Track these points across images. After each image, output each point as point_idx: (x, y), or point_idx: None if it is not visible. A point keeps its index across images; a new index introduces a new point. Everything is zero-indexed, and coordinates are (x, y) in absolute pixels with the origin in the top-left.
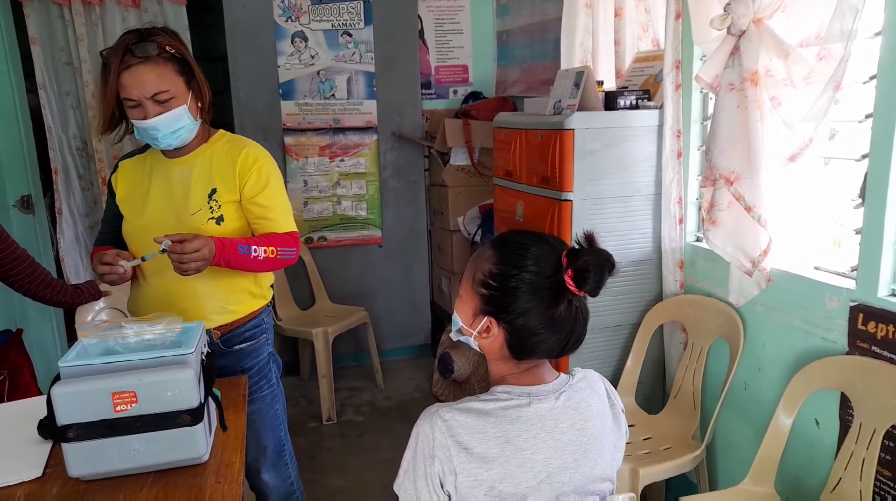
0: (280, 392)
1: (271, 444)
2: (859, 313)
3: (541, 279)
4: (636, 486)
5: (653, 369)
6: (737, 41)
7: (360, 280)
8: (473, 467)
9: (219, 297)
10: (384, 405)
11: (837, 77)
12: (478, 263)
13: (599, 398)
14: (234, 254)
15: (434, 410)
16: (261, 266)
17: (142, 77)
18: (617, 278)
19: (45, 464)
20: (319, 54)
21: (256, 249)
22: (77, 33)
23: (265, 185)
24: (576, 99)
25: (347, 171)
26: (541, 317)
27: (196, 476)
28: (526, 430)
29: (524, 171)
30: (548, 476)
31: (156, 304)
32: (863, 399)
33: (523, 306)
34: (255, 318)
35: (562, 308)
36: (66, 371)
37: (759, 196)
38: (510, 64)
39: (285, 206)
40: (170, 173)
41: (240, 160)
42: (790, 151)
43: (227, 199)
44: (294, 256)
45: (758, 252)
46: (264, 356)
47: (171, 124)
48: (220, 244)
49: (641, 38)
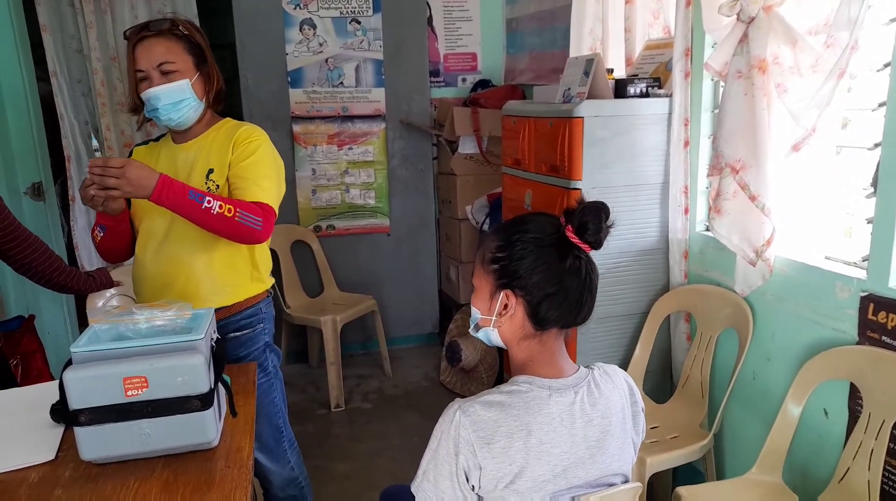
0: (278, 382)
1: (267, 432)
2: (870, 303)
3: (544, 237)
4: (643, 475)
5: (661, 358)
6: (746, 28)
7: (368, 268)
8: (496, 462)
9: (214, 277)
10: (392, 393)
11: (842, 65)
12: (483, 248)
13: (620, 395)
14: (181, 197)
15: (455, 406)
16: (213, 222)
17: (151, 48)
18: (625, 267)
19: (57, 448)
20: (328, 42)
21: (211, 201)
22: (86, 21)
23: (249, 156)
24: (585, 87)
25: (356, 159)
26: (552, 272)
27: (206, 460)
28: (546, 423)
29: (533, 159)
30: (563, 470)
31: (152, 286)
32: (872, 390)
33: (533, 265)
34: (251, 306)
35: (569, 261)
36: (77, 356)
37: (763, 185)
38: (519, 52)
39: (265, 180)
40: (175, 157)
41: (235, 136)
42: (794, 140)
43: (222, 177)
44: (258, 226)
45: (761, 242)
46: (259, 346)
47: (172, 96)
48: (166, 181)
49: (652, 26)
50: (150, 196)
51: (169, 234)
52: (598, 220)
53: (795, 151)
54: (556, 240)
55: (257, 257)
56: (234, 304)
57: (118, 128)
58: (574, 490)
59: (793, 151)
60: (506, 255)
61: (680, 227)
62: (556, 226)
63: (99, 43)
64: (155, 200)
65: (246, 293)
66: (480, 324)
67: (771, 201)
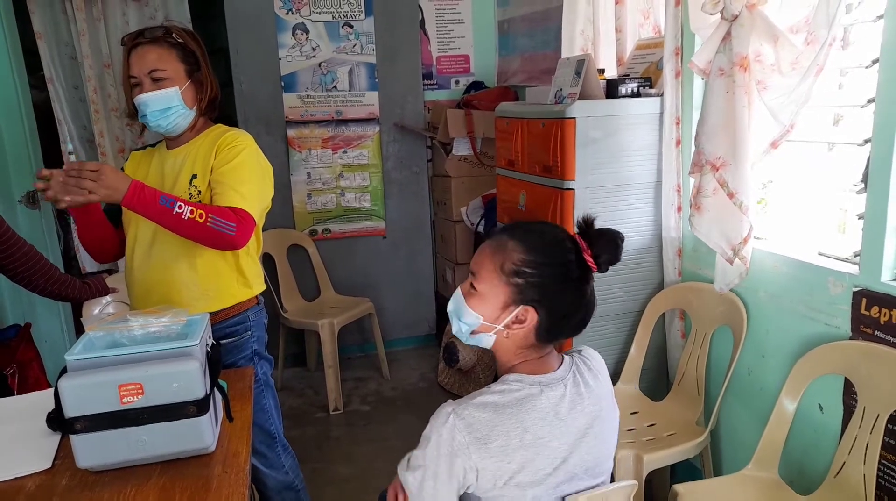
0: (269, 388)
1: (259, 438)
2: (863, 298)
3: (573, 261)
4: (640, 472)
5: (656, 356)
6: (730, 26)
7: (364, 271)
8: (495, 461)
9: (197, 283)
10: (390, 395)
11: (820, 62)
12: (504, 254)
13: (605, 379)
14: (152, 202)
15: (449, 409)
16: (185, 227)
17: (144, 55)
18: (620, 265)
19: (54, 456)
20: (321, 46)
21: (182, 206)
22: (79, 28)
23: (230, 160)
24: (577, 87)
25: (350, 162)
26: (577, 297)
27: (203, 466)
28: (541, 418)
29: (526, 160)
30: (563, 460)
31: (139, 292)
32: (866, 384)
33: (563, 288)
34: (239, 314)
35: (590, 286)
36: (72, 364)
37: (742, 183)
38: (511, 53)
39: (244, 186)
40: (164, 163)
41: (219, 141)
42: (772, 137)
43: (204, 183)
44: (232, 232)
45: (739, 239)
46: (247, 354)
47: (160, 103)
48: (138, 186)
49: (643, 26)
50: (122, 200)
51: (155, 240)
52: (615, 250)
53: (774, 148)
54: (581, 264)
55: (242, 262)
56: (221, 310)
57: (112, 133)
58: (575, 481)
59: (771, 148)
60: (535, 272)
61: (673, 225)
62: (577, 249)
63: (91, 50)
64: (126, 204)
65: (231, 299)
66: (479, 330)
67: (749, 199)
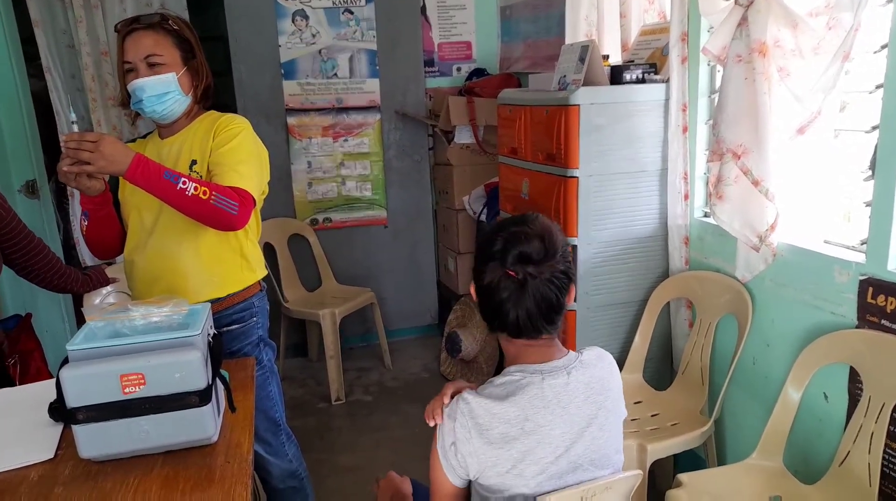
0: (273, 375)
1: (264, 425)
2: (869, 286)
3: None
4: (644, 462)
5: (660, 345)
6: (744, 11)
7: (366, 261)
8: (494, 448)
9: (202, 270)
10: (392, 385)
11: (846, 47)
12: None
13: (616, 377)
14: (156, 176)
15: (457, 398)
16: (188, 204)
17: (140, 41)
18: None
19: (56, 446)
20: (321, 33)
21: (186, 182)
22: (76, 16)
23: (228, 142)
24: (581, 74)
25: (351, 151)
26: (502, 296)
27: (206, 456)
28: (543, 406)
29: (529, 148)
30: (566, 450)
31: (142, 281)
32: (872, 373)
33: (485, 287)
34: (244, 300)
35: (524, 289)
36: (74, 354)
37: (766, 170)
38: (514, 40)
39: (243, 166)
40: (160, 151)
41: (216, 125)
42: (798, 123)
43: (204, 167)
44: (234, 211)
45: (765, 227)
46: (253, 340)
47: (156, 88)
48: (141, 159)
49: (647, 11)
50: (125, 173)
51: (156, 228)
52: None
53: (801, 134)
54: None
55: (245, 246)
56: (227, 297)
57: (109, 123)
58: (580, 472)
59: (798, 134)
60: (474, 267)
61: (680, 213)
62: (505, 250)
63: (89, 38)
64: (129, 177)
65: (237, 284)
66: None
67: (774, 186)
